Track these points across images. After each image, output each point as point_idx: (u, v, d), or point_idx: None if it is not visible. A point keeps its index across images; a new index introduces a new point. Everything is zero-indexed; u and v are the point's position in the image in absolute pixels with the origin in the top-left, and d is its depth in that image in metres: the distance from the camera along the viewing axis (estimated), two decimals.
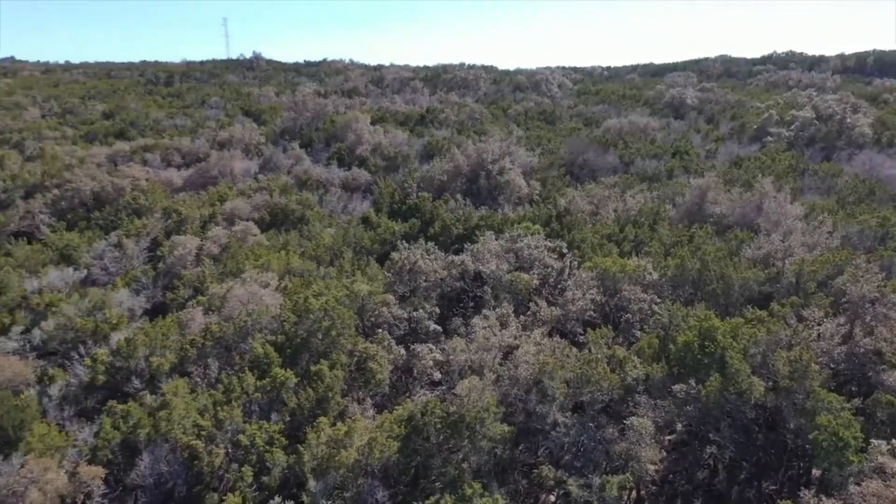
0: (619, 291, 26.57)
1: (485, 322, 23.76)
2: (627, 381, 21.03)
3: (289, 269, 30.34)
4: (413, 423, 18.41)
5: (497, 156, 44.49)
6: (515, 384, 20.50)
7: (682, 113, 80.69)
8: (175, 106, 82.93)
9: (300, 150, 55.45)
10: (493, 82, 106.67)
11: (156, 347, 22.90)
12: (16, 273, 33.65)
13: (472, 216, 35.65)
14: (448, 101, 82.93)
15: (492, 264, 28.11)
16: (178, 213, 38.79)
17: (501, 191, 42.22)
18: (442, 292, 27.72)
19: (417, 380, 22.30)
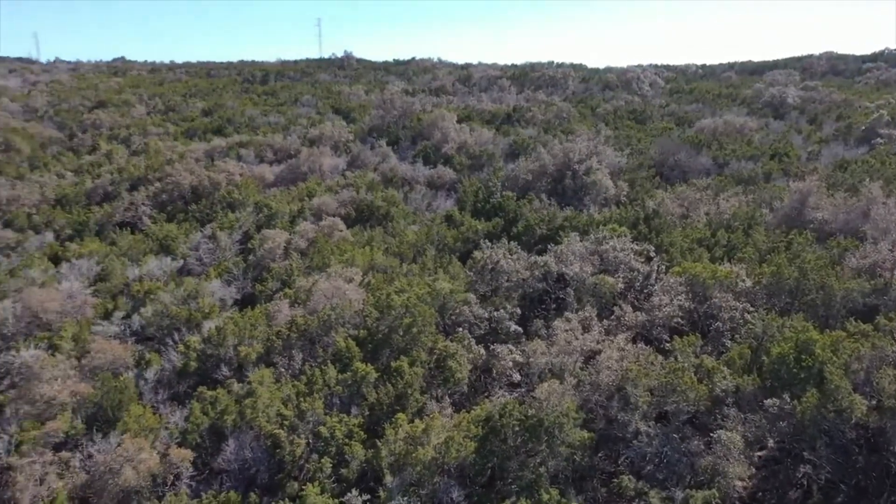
0: (710, 298, 25.50)
1: (567, 325, 23.32)
2: (716, 392, 20.15)
3: (372, 265, 30.80)
4: (491, 424, 18.26)
5: (584, 155, 43.62)
6: (597, 390, 20.00)
7: (782, 113, 76.70)
8: (269, 104, 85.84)
9: (387, 148, 56.23)
10: (582, 80, 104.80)
11: (244, 337, 23.73)
12: (119, 261, 35.75)
13: (556, 216, 35.13)
14: (535, 100, 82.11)
15: (575, 266, 27.57)
16: (269, 208, 40.11)
17: (587, 191, 41.36)
18: (523, 293, 27.41)
19: (496, 380, 22.12)
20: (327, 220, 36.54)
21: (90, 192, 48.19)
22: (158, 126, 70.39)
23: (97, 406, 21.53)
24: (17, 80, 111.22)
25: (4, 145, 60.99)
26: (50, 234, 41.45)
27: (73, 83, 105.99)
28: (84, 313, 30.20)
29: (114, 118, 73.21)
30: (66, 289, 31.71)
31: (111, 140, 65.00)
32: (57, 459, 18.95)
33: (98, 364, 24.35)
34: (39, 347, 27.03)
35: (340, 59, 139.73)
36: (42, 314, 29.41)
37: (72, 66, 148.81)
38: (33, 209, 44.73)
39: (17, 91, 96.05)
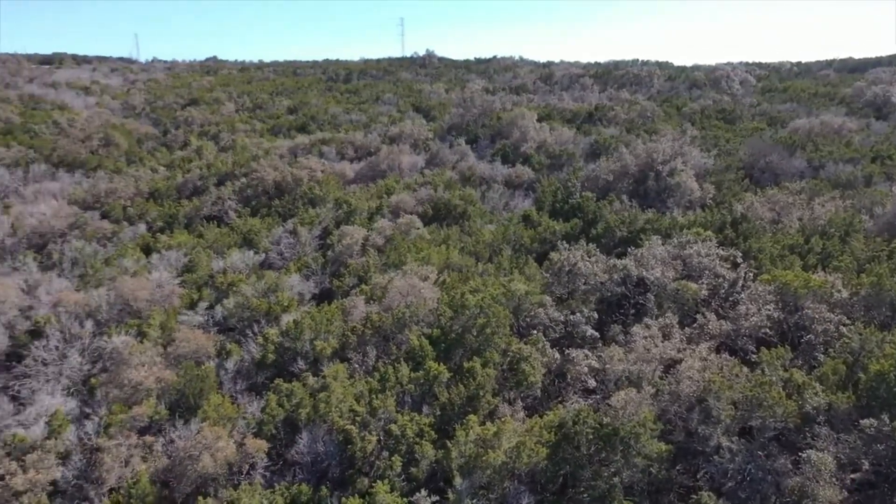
0: (801, 309, 24.09)
1: (646, 331, 22.53)
2: (806, 409, 18.97)
3: (448, 264, 30.73)
4: (564, 431, 17.80)
5: (668, 156, 42.19)
6: (676, 401, 19.19)
7: (885, 113, 71.95)
8: (352, 102, 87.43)
9: (465, 146, 56.16)
10: (668, 79, 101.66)
11: (320, 332, 24.08)
12: (205, 253, 37.09)
13: (637, 218, 34.08)
14: (618, 99, 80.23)
15: (657, 270, 26.63)
16: (349, 205, 40.71)
17: (671, 193, 39.96)
18: (601, 297, 26.69)
19: (571, 386, 21.59)
20: (405, 217, 36.75)
21: (180, 186, 50.30)
22: (246, 123, 72.78)
23: (180, 393, 22.32)
24: (119, 79, 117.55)
25: (105, 141, 64.48)
26: (143, 225, 43.51)
27: (169, 82, 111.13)
28: (171, 302, 31.48)
29: (205, 115, 76.21)
30: (156, 278, 33.15)
31: (201, 136, 67.67)
32: (141, 443, 19.74)
33: (182, 352, 25.30)
34: (129, 334, 28.34)
35: (422, 58, 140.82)
36: (133, 302, 30.84)
37: (168, 65, 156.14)
38: (128, 202, 47.06)
39: (117, 89, 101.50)
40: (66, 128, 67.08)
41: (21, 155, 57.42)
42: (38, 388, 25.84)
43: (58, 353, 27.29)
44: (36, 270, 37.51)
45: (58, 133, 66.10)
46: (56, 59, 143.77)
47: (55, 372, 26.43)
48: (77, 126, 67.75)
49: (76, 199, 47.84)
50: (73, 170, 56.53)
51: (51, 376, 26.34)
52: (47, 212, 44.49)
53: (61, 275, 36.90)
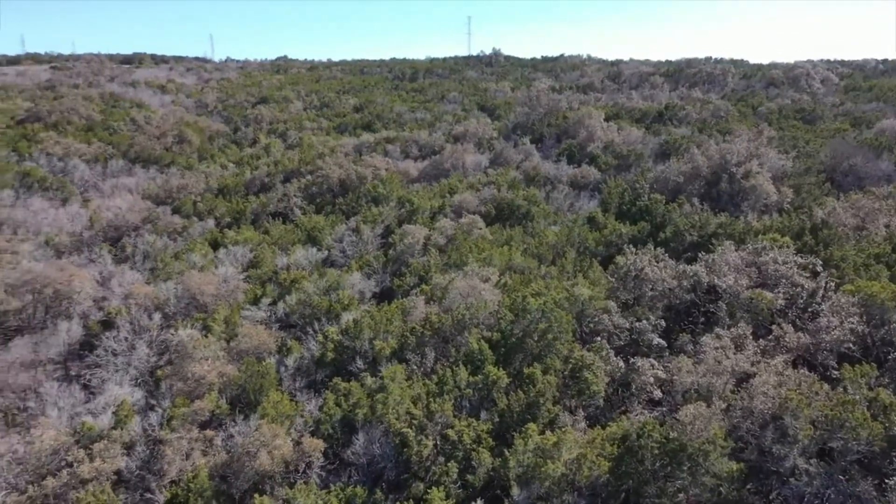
0: (889, 323, 22.47)
1: (717, 342, 21.41)
2: (893, 432, 17.60)
3: (510, 265, 30.16)
4: (628, 444, 17.04)
5: (743, 157, 40.38)
6: (749, 417, 18.12)
7: None
8: (417, 100, 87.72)
9: (530, 146, 55.38)
10: (743, 77, 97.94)
11: (379, 331, 23.92)
12: (270, 250, 37.64)
13: (709, 222, 32.65)
14: (690, 98, 77.70)
15: (729, 278, 25.36)
16: (411, 203, 40.60)
17: (745, 196, 38.20)
18: (669, 304, 25.62)
19: (635, 396, 20.71)
20: (467, 217, 36.36)
21: (248, 183, 51.36)
22: (313, 121, 73.88)
23: (241, 388, 22.55)
24: (193, 78, 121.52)
25: (178, 138, 66.58)
26: (211, 221, 44.57)
27: (240, 80, 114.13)
28: (236, 298, 32.02)
29: (273, 113, 77.77)
30: (222, 273, 33.82)
31: (270, 134, 69.05)
32: (202, 437, 19.98)
33: (244, 348, 25.61)
34: (195, 328, 28.93)
35: (488, 57, 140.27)
36: (199, 296, 31.52)
37: (240, 64, 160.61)
38: (198, 197, 48.31)
39: (192, 88, 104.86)
40: (142, 125, 69.62)
41: (100, 151, 59.89)
42: (108, 378, 26.66)
43: (127, 344, 28.11)
44: (110, 263, 38.90)
45: (135, 130, 68.68)
46: (136, 59, 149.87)
47: (124, 363, 27.22)
48: (153, 123, 70.24)
49: (150, 194, 49.47)
50: (149, 165, 58.59)
51: (120, 367, 27.15)
52: (123, 206, 46.14)
53: (133, 267, 38.14)
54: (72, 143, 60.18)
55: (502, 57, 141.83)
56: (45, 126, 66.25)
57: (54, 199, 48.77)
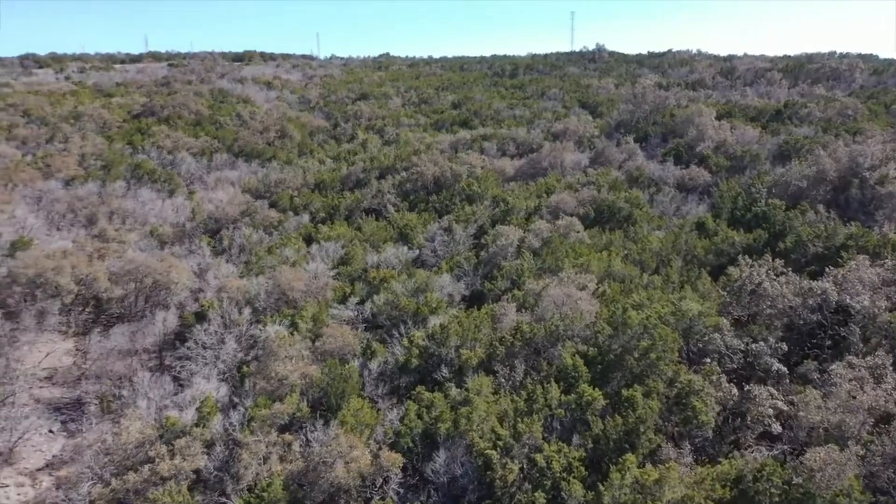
0: None
1: (850, 372, 18.69)
2: None
3: (609, 273, 28.12)
4: (742, 487, 14.91)
5: (877, 160, 36.29)
6: (891, 465, 15.51)
7: None
8: (516, 97, 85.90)
9: (634, 145, 52.54)
10: (873, 73, 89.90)
11: (467, 339, 22.62)
12: (361, 247, 37.17)
13: (837, 233, 29.26)
14: (812, 95, 71.84)
15: (864, 298, 22.33)
16: (506, 203, 39.09)
17: (880, 204, 34.19)
18: (790, 324, 22.87)
19: (749, 429, 18.36)
20: (564, 219, 34.46)
21: (344, 179, 51.40)
22: (410, 118, 73.59)
23: (322, 391, 21.84)
24: (298, 75, 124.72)
25: (280, 133, 67.94)
26: (307, 215, 44.76)
27: (343, 77, 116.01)
28: (324, 295, 31.62)
29: (373, 109, 78.16)
30: (313, 269, 33.56)
31: (368, 130, 69.28)
32: (280, 440, 19.34)
33: (329, 348, 24.98)
34: (282, 324, 28.68)
35: (591, 52, 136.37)
36: (289, 292, 31.32)
37: (344, 61, 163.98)
38: (295, 192, 48.74)
39: (296, 84, 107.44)
40: (247, 120, 71.55)
41: (207, 145, 61.87)
42: (197, 371, 26.77)
43: (217, 337, 28.18)
44: (208, 254, 39.68)
45: (240, 125, 70.67)
46: (246, 57, 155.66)
47: (213, 356, 27.27)
48: (257, 119, 72.08)
49: (250, 187, 50.40)
50: (251, 159, 59.96)
51: (209, 360, 27.22)
52: (223, 199, 47.19)
53: (229, 260, 38.69)
54: (181, 136, 62.47)
55: (606, 52, 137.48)
56: (157, 120, 69.29)
57: (162, 191, 50.58)
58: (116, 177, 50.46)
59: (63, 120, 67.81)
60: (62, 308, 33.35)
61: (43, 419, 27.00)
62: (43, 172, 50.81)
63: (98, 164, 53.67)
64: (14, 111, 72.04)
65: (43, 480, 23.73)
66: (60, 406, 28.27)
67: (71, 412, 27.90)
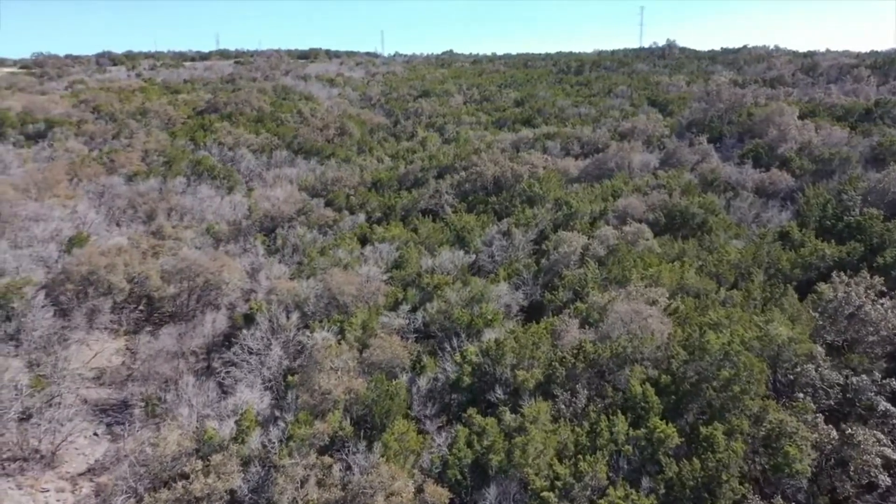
0: None
1: None
2: None
3: (682, 286, 25.71)
4: None
5: None
6: None
7: None
8: (581, 95, 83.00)
9: (708, 146, 49.34)
10: None
11: (524, 357, 20.73)
12: (416, 249, 35.64)
13: None
14: None
15: None
16: (569, 206, 36.90)
17: None
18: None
19: (851, 480, 15.85)
20: (632, 225, 32.07)
21: (402, 177, 50.06)
22: (471, 115, 71.82)
23: (367, 408, 20.33)
24: (361, 72, 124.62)
25: (340, 130, 67.25)
26: (362, 215, 43.58)
27: (405, 74, 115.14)
28: (376, 300, 30.21)
29: (433, 107, 76.73)
30: (365, 273, 32.23)
31: (428, 128, 67.85)
32: (319, 463, 17.93)
33: (377, 360, 23.48)
34: (331, 331, 27.39)
35: (661, 49, 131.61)
36: (339, 296, 30.02)
37: (407, 58, 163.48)
38: (352, 191, 47.65)
39: (359, 81, 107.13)
40: (307, 117, 71.17)
41: (267, 142, 61.63)
42: (241, 378, 25.73)
43: (263, 343, 27.11)
44: (262, 253, 38.91)
45: (300, 122, 70.33)
46: (312, 54, 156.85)
47: (258, 363, 26.20)
48: (317, 116, 71.63)
49: (307, 185, 49.62)
50: (310, 157, 59.36)
51: (254, 367, 26.17)
52: (281, 196, 46.49)
53: (282, 260, 37.80)
54: (242, 133, 62.44)
55: (677, 49, 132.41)
56: (220, 117, 69.62)
57: (221, 188, 50.36)
58: (177, 173, 50.50)
59: (130, 116, 68.91)
60: (114, 306, 33.10)
61: (88, 421, 26.49)
62: (107, 168, 51.30)
63: (160, 161, 53.93)
64: (85, 107, 73.79)
65: (83, 486, 23.08)
66: (107, 407, 27.78)
67: (116, 414, 27.35)
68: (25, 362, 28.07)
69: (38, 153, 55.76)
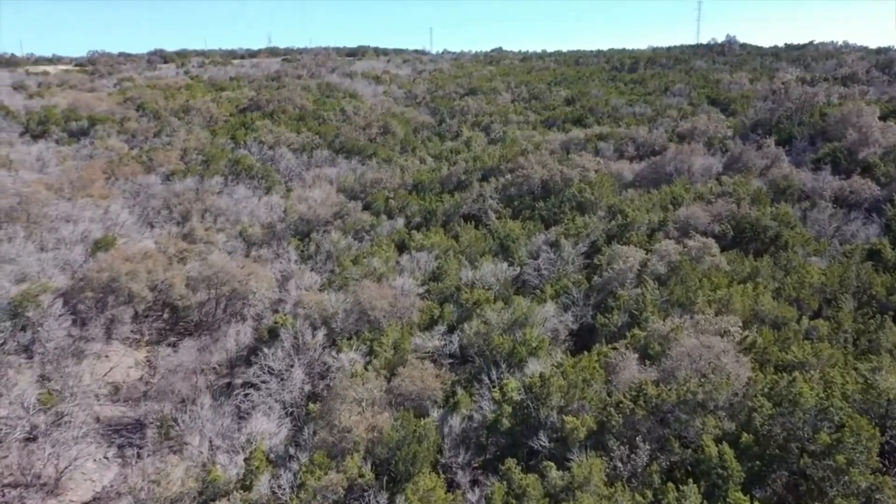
0: None
1: None
2: None
3: (756, 313, 22.43)
4: None
5: None
6: None
7: None
8: (636, 93, 78.91)
9: (777, 149, 45.27)
10: None
11: (573, 398, 17.85)
12: (455, 260, 32.95)
13: None
14: None
15: None
16: (624, 215, 33.69)
17: None
18: None
19: None
20: (696, 238, 28.72)
21: (444, 180, 47.42)
22: (520, 114, 68.76)
23: (391, 452, 17.77)
24: (408, 69, 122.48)
25: (383, 129, 64.99)
26: (401, 219, 41.10)
27: (452, 71, 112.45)
28: (409, 316, 27.64)
29: (480, 105, 73.88)
30: (400, 285, 29.73)
31: (473, 127, 65.07)
32: None
33: (406, 391, 20.85)
34: (359, 350, 24.98)
35: (720, 45, 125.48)
36: (370, 311, 27.51)
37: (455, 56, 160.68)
38: (391, 193, 45.23)
39: (405, 79, 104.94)
40: (350, 115, 69.19)
41: (308, 140, 59.73)
42: (259, 403, 23.50)
43: (286, 363, 24.82)
44: (294, 259, 36.77)
45: (343, 120, 68.36)
46: (360, 52, 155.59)
47: (278, 386, 23.93)
48: (360, 114, 69.57)
49: (345, 186, 47.43)
50: (351, 156, 57.22)
51: (273, 390, 23.93)
52: (319, 197, 44.38)
53: (314, 268, 35.59)
54: (283, 131, 60.76)
55: (737, 45, 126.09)
56: (262, 115, 68.16)
57: (258, 188, 48.63)
58: (215, 172, 48.97)
59: (173, 114, 68.05)
60: (135, 316, 31.40)
61: (98, 442, 24.65)
62: (145, 166, 50.11)
63: (199, 159, 52.52)
64: (130, 105, 73.38)
65: None
66: (120, 427, 25.92)
67: (130, 434, 25.47)
68: (37, 376, 26.54)
69: (78, 151, 55.08)
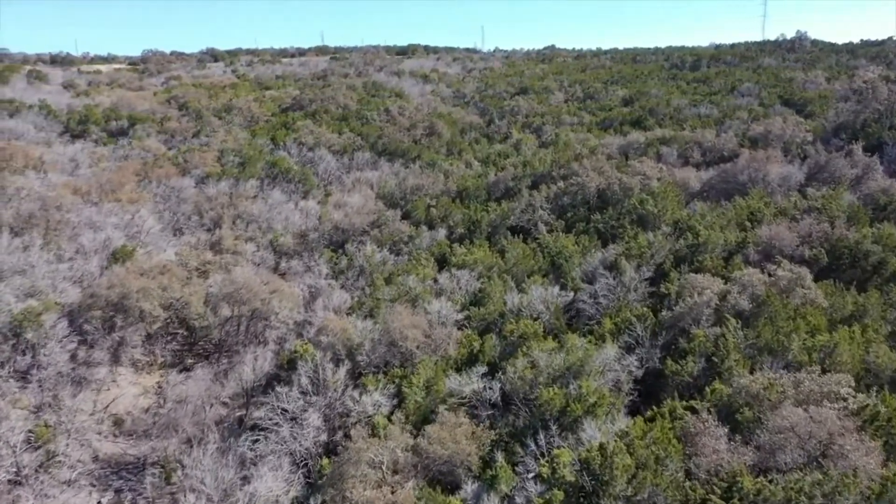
0: None
1: None
2: None
3: (867, 366, 18.14)
4: None
5: None
6: None
7: None
8: (700, 93, 73.56)
9: (866, 156, 40.13)
10: None
11: (643, 484, 14.00)
12: (500, 280, 29.31)
13: None
14: None
15: None
16: (694, 233, 29.48)
17: None
18: None
19: None
20: (783, 266, 24.33)
21: (491, 186, 43.69)
22: (573, 115, 64.48)
23: None
24: (458, 68, 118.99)
25: (429, 130, 61.61)
26: (443, 230, 37.53)
27: (503, 70, 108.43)
28: (445, 349, 24.16)
29: (532, 105, 69.83)
30: (436, 311, 26.22)
31: (524, 128, 61.12)
32: None
33: (434, 456, 17.41)
34: (385, 391, 21.63)
35: (790, 41, 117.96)
36: (401, 341, 24.08)
37: (506, 54, 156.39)
38: (433, 200, 41.72)
39: (454, 77, 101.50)
40: (395, 115, 66.02)
41: (349, 142, 56.72)
42: (267, 453, 20.36)
43: (300, 405, 21.58)
44: (325, 275, 33.72)
45: (387, 120, 65.24)
46: (410, 50, 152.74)
47: (289, 434, 20.71)
48: (406, 114, 66.33)
49: (385, 192, 44.18)
50: (394, 158, 53.97)
51: (284, 436, 20.74)
52: (355, 204, 41.29)
53: (345, 285, 32.44)
54: (323, 132, 58.01)
55: (808, 41, 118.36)
56: (304, 114, 65.66)
57: (295, 192, 45.88)
58: (251, 175, 46.42)
59: (215, 113, 66.14)
60: (147, 337, 28.77)
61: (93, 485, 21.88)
62: (180, 168, 47.86)
63: (235, 161, 50.01)
64: (173, 104, 71.92)
65: None
66: (120, 466, 23.08)
67: (130, 477, 22.58)
68: (32, 406, 24.05)
69: (114, 151, 53.29)
